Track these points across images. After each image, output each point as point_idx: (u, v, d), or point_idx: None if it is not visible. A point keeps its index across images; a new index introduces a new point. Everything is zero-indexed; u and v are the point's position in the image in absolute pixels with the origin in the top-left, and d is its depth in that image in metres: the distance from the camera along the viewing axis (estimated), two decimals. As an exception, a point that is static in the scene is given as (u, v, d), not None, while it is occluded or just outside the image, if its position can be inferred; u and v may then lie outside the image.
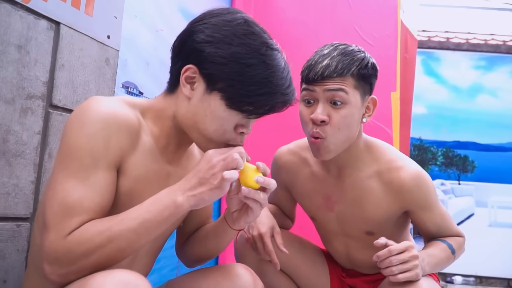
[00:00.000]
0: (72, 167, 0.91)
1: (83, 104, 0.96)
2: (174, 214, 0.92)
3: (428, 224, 1.45)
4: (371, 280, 1.56)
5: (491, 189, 5.09)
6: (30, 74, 1.23)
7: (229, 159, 0.93)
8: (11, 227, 1.20)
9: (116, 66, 1.57)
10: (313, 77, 1.29)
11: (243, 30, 0.98)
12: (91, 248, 0.87)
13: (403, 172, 1.39)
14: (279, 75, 0.98)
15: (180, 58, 1.02)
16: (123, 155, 0.97)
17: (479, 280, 4.87)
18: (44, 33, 1.27)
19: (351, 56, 1.31)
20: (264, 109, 0.99)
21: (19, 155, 1.20)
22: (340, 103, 1.30)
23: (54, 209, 0.89)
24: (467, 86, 5.24)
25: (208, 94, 0.99)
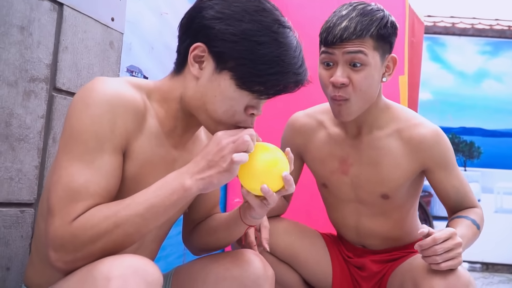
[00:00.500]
0: (77, 150, 0.88)
1: (88, 85, 0.93)
2: (182, 198, 0.90)
3: (447, 186, 1.43)
4: (380, 259, 1.53)
5: (497, 175, 5.06)
6: (33, 56, 1.20)
7: (239, 141, 0.90)
8: (14, 213, 1.18)
9: (121, 49, 1.54)
10: (332, 40, 1.28)
11: (254, 6, 0.94)
12: (97, 234, 0.85)
13: (424, 128, 1.40)
14: (291, 54, 0.94)
15: (188, 36, 0.98)
16: (129, 138, 0.94)
17: (486, 266, 4.86)
18: (47, 14, 1.24)
19: (370, 17, 1.29)
20: (275, 89, 0.96)
21: (22, 139, 1.18)
22: (359, 65, 1.29)
23: (59, 194, 0.86)
24: (473, 72, 5.18)
25: (218, 74, 0.95)
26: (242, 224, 1.10)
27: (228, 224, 1.15)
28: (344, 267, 1.58)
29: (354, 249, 1.59)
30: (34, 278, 1.04)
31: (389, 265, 1.51)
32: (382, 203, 1.46)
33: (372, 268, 1.54)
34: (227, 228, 1.15)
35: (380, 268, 1.53)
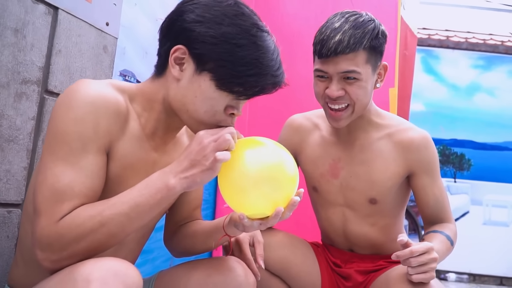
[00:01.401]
0: (61, 151, 0.90)
1: (71, 87, 0.95)
2: (166, 197, 0.92)
3: (429, 193, 1.47)
4: (365, 270, 1.55)
5: (486, 188, 5.10)
6: (26, 58, 1.22)
7: (220, 140, 0.92)
8: (1, 213, 1.19)
9: (114, 53, 1.55)
10: (326, 53, 1.33)
11: (233, 10, 0.97)
12: (83, 233, 0.86)
13: (413, 132, 1.48)
14: (269, 57, 0.97)
15: (169, 39, 1.00)
16: (112, 139, 0.96)
17: (473, 277, 4.89)
18: (41, 17, 1.26)
19: (362, 29, 1.34)
20: (253, 90, 0.98)
21: (12, 140, 1.19)
22: (353, 78, 1.35)
23: (45, 194, 0.88)
24: (465, 85, 5.23)
25: (198, 75, 0.97)
26: (222, 232, 1.12)
27: (209, 231, 1.17)
28: (331, 277, 1.60)
29: (342, 254, 1.61)
30: (17, 278, 1.05)
31: (371, 275, 1.53)
32: (370, 208, 1.50)
33: (357, 278, 1.56)
34: (206, 234, 1.17)
35: (364, 278, 1.55)
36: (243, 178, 0.95)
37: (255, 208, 0.98)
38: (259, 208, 0.97)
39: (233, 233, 1.12)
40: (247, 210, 0.98)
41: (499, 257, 4.86)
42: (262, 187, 0.95)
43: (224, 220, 1.13)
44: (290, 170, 0.98)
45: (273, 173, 0.96)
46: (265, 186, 0.95)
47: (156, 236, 1.90)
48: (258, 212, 0.98)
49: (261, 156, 0.97)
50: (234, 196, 0.98)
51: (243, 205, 0.98)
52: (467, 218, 5.06)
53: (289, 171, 0.98)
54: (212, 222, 1.18)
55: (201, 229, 1.20)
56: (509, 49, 5.19)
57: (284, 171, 0.97)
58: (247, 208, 0.98)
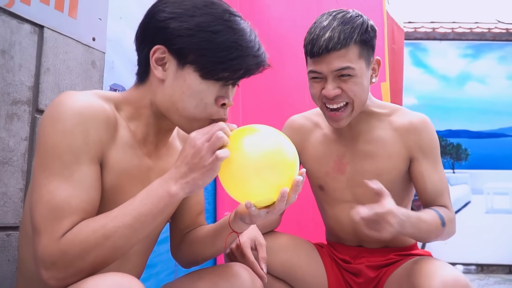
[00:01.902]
0: (53, 166, 0.88)
1: (56, 100, 0.93)
2: (169, 204, 0.90)
3: (427, 179, 1.44)
4: (376, 265, 1.53)
5: (486, 176, 5.11)
6: (15, 79, 1.21)
7: (213, 138, 0.91)
8: (0, 237, 1.17)
9: (103, 68, 1.54)
10: (318, 51, 1.33)
11: (203, 2, 0.98)
12: (87, 248, 0.85)
13: (412, 116, 1.48)
14: (247, 38, 0.97)
15: (146, 44, 1.00)
16: (104, 148, 0.95)
17: (480, 268, 4.88)
18: (28, 37, 1.25)
19: (351, 24, 1.34)
20: (239, 73, 0.98)
21: (6, 162, 1.18)
22: (348, 75, 1.35)
23: (42, 212, 0.86)
24: (456, 75, 5.26)
25: (181, 70, 0.97)
26: (229, 229, 1.10)
27: (216, 231, 1.15)
28: (339, 277, 1.57)
29: (350, 250, 1.58)
30: (21, 301, 1.03)
31: (384, 270, 1.51)
32: None
33: (368, 273, 1.54)
34: (213, 236, 1.15)
35: (376, 273, 1.53)
36: (243, 167, 0.94)
37: (259, 194, 0.97)
38: (263, 193, 0.97)
39: (240, 228, 1.10)
40: (251, 198, 0.98)
41: (505, 245, 4.86)
42: (263, 173, 0.94)
43: (229, 217, 1.11)
44: (289, 153, 0.98)
45: (272, 158, 0.96)
46: (266, 172, 0.94)
47: (159, 250, 1.88)
48: (263, 198, 0.98)
49: (257, 143, 0.97)
50: (237, 187, 0.98)
51: (247, 194, 0.97)
52: (469, 208, 5.06)
53: (288, 153, 0.98)
54: (218, 223, 1.16)
55: (208, 232, 1.17)
56: (496, 35, 5.23)
57: (283, 154, 0.97)
58: (251, 196, 0.97)
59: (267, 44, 2.00)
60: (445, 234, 1.38)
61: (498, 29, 5.23)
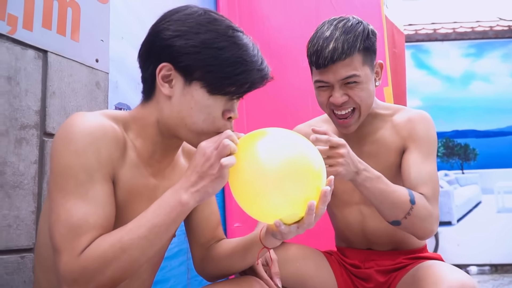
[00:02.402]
0: (69, 186, 0.90)
1: (66, 121, 0.96)
2: (181, 213, 0.92)
3: (412, 168, 1.39)
4: (385, 269, 1.53)
5: (495, 175, 5.08)
6: (22, 104, 1.23)
7: (221, 146, 0.92)
8: (15, 259, 1.19)
9: (107, 88, 1.57)
10: (324, 63, 1.35)
11: (206, 19, 1.00)
12: (106, 262, 0.87)
13: (412, 111, 1.52)
14: (250, 53, 1.00)
15: (151, 62, 1.02)
16: (115, 166, 0.98)
17: (495, 268, 4.83)
18: (32, 62, 1.28)
19: (353, 33, 1.37)
20: (245, 87, 1.00)
21: (17, 186, 1.20)
22: (354, 82, 1.38)
23: (61, 231, 0.88)
24: (460, 75, 5.25)
25: (188, 86, 0.99)
26: (259, 245, 1.09)
27: (246, 247, 1.13)
28: (348, 283, 1.57)
29: (359, 254, 1.58)
30: (38, 323, 1.05)
31: (394, 275, 1.51)
32: None
33: (378, 278, 1.54)
34: (243, 251, 1.14)
35: (386, 278, 1.53)
36: (259, 179, 0.91)
37: (282, 210, 0.92)
38: (286, 210, 0.92)
39: (272, 244, 1.08)
40: (273, 215, 0.93)
41: (519, 244, 4.81)
42: (283, 185, 0.90)
43: (260, 233, 1.09)
44: (313, 159, 0.94)
45: (292, 166, 0.91)
46: (286, 183, 0.90)
47: (171, 264, 1.90)
48: (288, 213, 0.93)
49: (273, 149, 0.93)
50: (253, 202, 0.94)
51: (267, 210, 0.93)
52: (480, 208, 5.03)
53: (312, 160, 0.93)
54: (246, 238, 1.15)
55: (236, 247, 1.16)
56: (498, 33, 5.23)
57: (306, 161, 0.93)
58: (272, 213, 0.93)
59: (268, 54, 2.02)
60: (415, 217, 1.31)
61: (500, 27, 5.22)
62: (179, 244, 1.97)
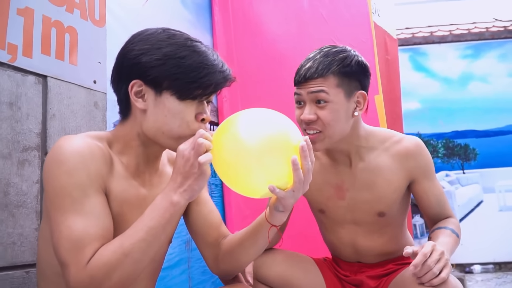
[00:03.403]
0: (66, 204, 0.98)
1: (55, 145, 1.04)
2: (174, 213, 1.01)
3: (430, 195, 1.55)
4: (376, 275, 1.60)
5: (496, 174, 5.11)
6: (24, 128, 1.31)
7: (196, 146, 1.01)
8: (20, 274, 1.26)
9: (105, 108, 1.64)
10: (299, 80, 1.45)
11: (165, 35, 1.10)
12: (111, 268, 0.94)
13: (406, 141, 1.55)
14: (210, 58, 1.09)
15: (123, 82, 1.10)
16: (105, 180, 1.05)
17: (498, 266, 4.86)
18: (32, 87, 1.35)
19: (332, 57, 1.44)
20: (210, 88, 1.09)
21: (20, 205, 1.28)
22: (323, 101, 1.42)
23: (66, 247, 0.95)
24: (458, 76, 5.29)
25: (159, 97, 1.08)
26: (267, 225, 1.14)
27: (255, 231, 1.18)
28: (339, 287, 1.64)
29: (350, 266, 1.65)
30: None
31: (384, 280, 1.58)
32: (378, 221, 1.56)
33: (369, 283, 1.60)
34: (254, 236, 1.19)
35: (377, 283, 1.59)
36: (242, 159, 1.01)
37: (272, 178, 1.02)
38: (275, 176, 1.02)
39: (279, 220, 1.13)
40: (262, 187, 1.02)
41: (521, 241, 4.83)
42: (263, 158, 1.00)
43: (265, 213, 1.15)
44: (282, 129, 1.05)
45: (267, 139, 1.02)
46: (265, 156, 1.00)
47: (172, 274, 1.96)
48: (278, 179, 1.02)
49: (247, 128, 1.04)
50: (243, 180, 1.05)
51: (254, 184, 1.04)
52: (482, 207, 5.06)
53: (281, 130, 1.05)
54: (254, 223, 1.20)
55: (245, 234, 1.20)
56: (495, 34, 5.26)
57: (279, 135, 1.04)
58: (260, 186, 1.03)
59: (265, 63, 2.12)
60: (460, 240, 1.51)
61: (496, 28, 5.26)
62: (180, 254, 2.03)
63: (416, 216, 4.79)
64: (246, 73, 2.35)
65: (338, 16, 2.36)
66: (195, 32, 2.28)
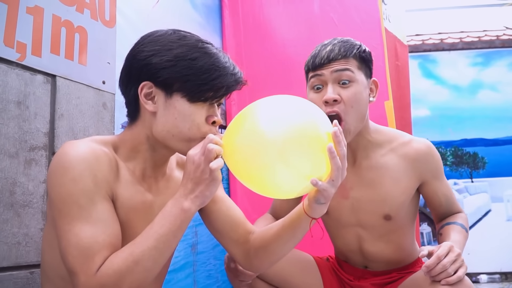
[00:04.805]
0: (73, 211, 0.96)
1: (59, 151, 1.02)
2: (185, 220, 0.99)
3: (440, 194, 1.55)
4: (380, 283, 1.57)
5: (505, 183, 5.05)
6: (31, 127, 1.30)
7: (206, 152, 0.99)
8: (25, 275, 1.25)
9: (114, 108, 1.63)
10: (320, 62, 1.43)
11: (176, 37, 1.09)
12: (122, 276, 0.93)
13: (416, 143, 1.53)
14: (222, 60, 1.08)
15: (133, 84, 1.09)
16: (111, 187, 1.04)
17: (505, 276, 4.79)
18: (41, 87, 1.35)
19: (350, 42, 1.47)
20: (221, 91, 1.08)
21: (26, 205, 1.27)
22: (348, 81, 1.43)
23: (74, 254, 0.94)
24: (467, 84, 5.25)
25: (170, 99, 1.06)
26: (306, 218, 1.11)
27: (292, 224, 1.15)
28: None
29: (355, 270, 1.63)
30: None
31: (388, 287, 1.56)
32: (384, 225, 1.52)
33: None
34: (292, 229, 1.15)
35: None
36: (264, 155, 0.95)
37: (306, 168, 0.96)
38: (309, 166, 0.97)
39: (319, 213, 1.10)
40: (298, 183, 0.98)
41: (529, 252, 4.77)
42: (290, 155, 0.93)
43: (303, 206, 1.11)
44: (311, 121, 0.99)
45: (294, 134, 0.95)
46: (292, 153, 0.93)
47: (178, 277, 1.95)
48: (313, 169, 0.97)
49: (262, 127, 0.98)
50: (271, 181, 0.99)
51: (286, 181, 0.98)
52: (490, 217, 5.00)
53: (311, 121, 0.99)
54: (291, 216, 1.16)
55: (281, 228, 1.17)
56: (505, 42, 5.22)
57: (304, 122, 0.97)
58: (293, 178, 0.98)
59: (276, 65, 2.10)
60: (468, 234, 1.52)
61: (507, 36, 5.22)
62: (185, 257, 2.02)
63: (423, 224, 4.74)
64: (255, 76, 2.34)
65: (349, 21, 2.34)
66: (204, 35, 2.27)
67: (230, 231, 1.23)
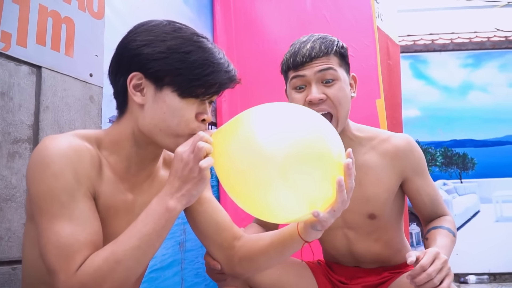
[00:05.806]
0: (53, 209, 0.92)
1: (39, 146, 0.97)
2: (170, 219, 0.95)
3: (423, 194, 1.50)
4: (372, 284, 1.56)
5: (494, 184, 5.08)
6: (15, 119, 1.27)
7: (196, 150, 0.95)
8: (6, 270, 1.22)
9: (101, 102, 1.60)
10: (302, 60, 1.38)
11: (171, 28, 1.04)
12: (103, 276, 0.89)
13: (395, 139, 1.50)
14: (216, 56, 1.03)
15: (122, 73, 1.04)
16: (93, 184, 1.00)
17: (493, 277, 4.83)
18: (26, 78, 1.31)
19: (329, 38, 1.43)
20: (214, 87, 1.03)
21: (9, 199, 1.23)
22: (331, 80, 1.39)
23: (54, 253, 0.90)
24: (458, 85, 5.28)
25: (160, 92, 1.01)
26: (300, 241, 1.07)
27: (283, 243, 1.11)
28: None
29: (346, 270, 1.60)
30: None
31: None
32: (369, 224, 1.50)
33: None
34: (282, 247, 1.12)
35: None
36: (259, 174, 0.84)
37: (307, 196, 0.87)
38: (311, 195, 0.86)
39: (314, 237, 1.06)
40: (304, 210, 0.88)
41: (517, 252, 4.81)
42: (291, 174, 0.81)
43: (298, 228, 1.07)
44: (320, 137, 0.88)
45: (296, 153, 0.82)
46: (295, 172, 0.81)
47: (165, 275, 1.92)
48: (315, 199, 0.88)
49: (263, 142, 0.87)
50: (265, 203, 0.91)
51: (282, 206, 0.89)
52: (479, 218, 5.03)
53: (320, 138, 0.88)
54: (283, 234, 1.12)
55: (270, 244, 1.13)
56: (496, 44, 5.26)
57: (315, 143, 0.85)
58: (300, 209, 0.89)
59: (267, 64, 2.08)
60: (456, 239, 1.47)
61: (497, 37, 5.25)
62: (173, 255, 1.99)
63: (412, 225, 4.75)
64: (246, 73, 2.31)
65: (341, 18, 2.33)
66: (195, 29, 2.23)
67: (214, 234, 1.19)
